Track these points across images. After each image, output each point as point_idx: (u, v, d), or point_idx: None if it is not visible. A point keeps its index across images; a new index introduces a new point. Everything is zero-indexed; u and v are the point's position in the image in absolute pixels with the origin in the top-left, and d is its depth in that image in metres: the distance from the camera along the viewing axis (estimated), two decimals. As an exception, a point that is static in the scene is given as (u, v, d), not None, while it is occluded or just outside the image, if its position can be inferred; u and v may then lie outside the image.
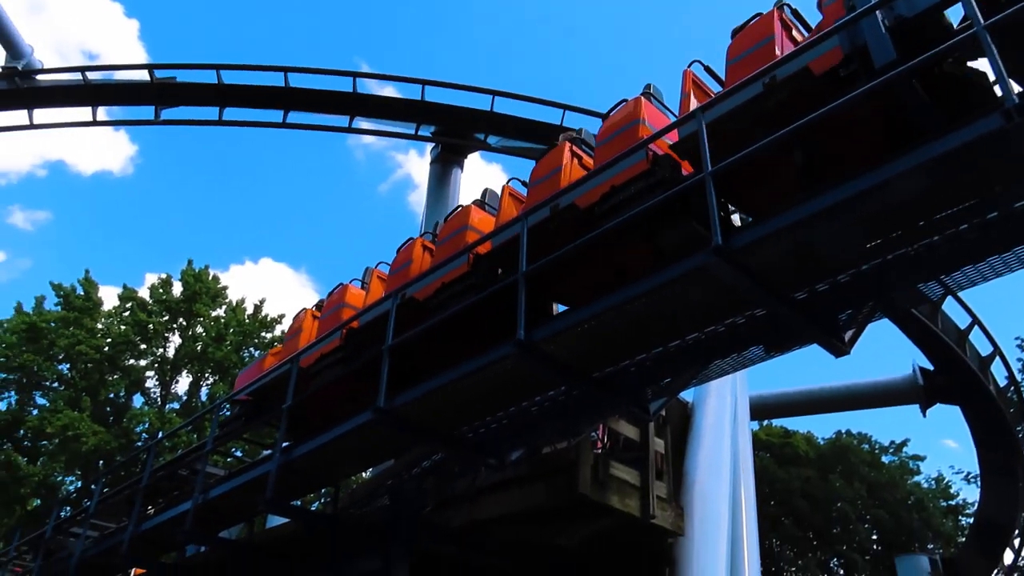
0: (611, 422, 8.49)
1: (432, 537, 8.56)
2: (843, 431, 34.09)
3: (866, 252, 4.62)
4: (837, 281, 4.76)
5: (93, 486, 12.16)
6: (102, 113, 20.05)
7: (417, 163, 78.90)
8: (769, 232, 4.42)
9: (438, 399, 6.62)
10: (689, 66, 6.18)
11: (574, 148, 6.71)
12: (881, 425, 69.86)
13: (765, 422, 32.15)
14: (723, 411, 10.55)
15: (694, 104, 5.74)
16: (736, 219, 5.63)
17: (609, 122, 6.37)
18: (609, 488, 8.02)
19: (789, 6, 5.74)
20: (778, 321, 5.12)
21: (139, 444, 28.53)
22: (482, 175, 71.96)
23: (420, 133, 20.25)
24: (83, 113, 19.84)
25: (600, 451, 8.38)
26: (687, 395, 10.49)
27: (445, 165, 20.28)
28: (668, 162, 5.54)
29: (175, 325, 32.31)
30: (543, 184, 6.64)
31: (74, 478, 28.35)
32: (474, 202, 7.64)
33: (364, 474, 30.26)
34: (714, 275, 4.74)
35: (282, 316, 32.98)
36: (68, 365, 30.49)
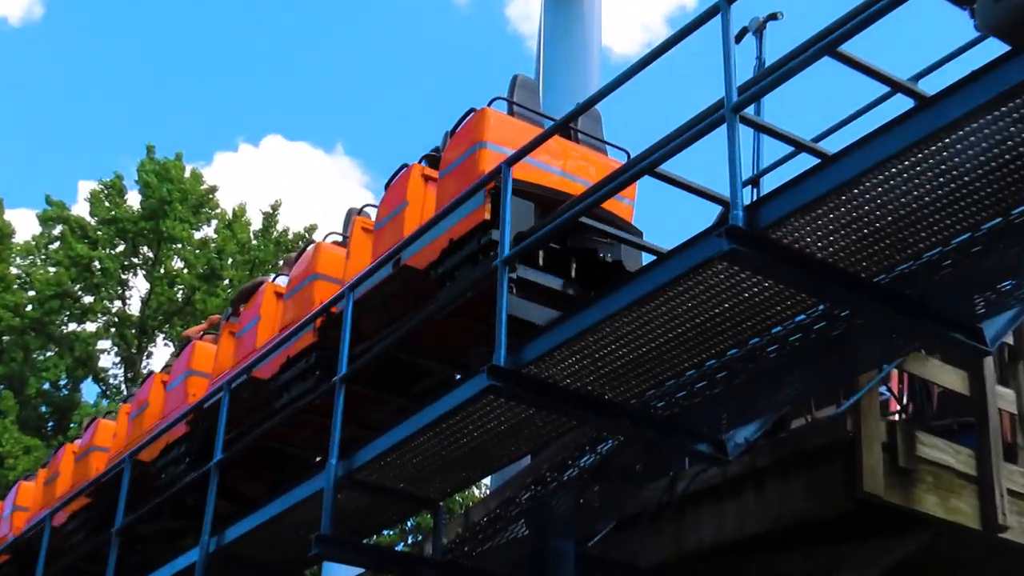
0: (913, 363, 8.35)
1: (608, 584, 8.89)
2: None
3: None
4: None
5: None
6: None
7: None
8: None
9: (602, 343, 6.86)
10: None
11: (426, 172, 9.13)
12: None
13: None
14: None
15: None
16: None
17: (452, 145, 8.72)
18: (918, 481, 7.96)
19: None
20: None
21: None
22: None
23: None
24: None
25: (899, 416, 8.31)
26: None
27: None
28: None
29: (136, 260, 33.70)
30: (389, 225, 9.20)
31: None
32: (328, 236, 10.43)
33: (476, 490, 31.21)
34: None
35: (312, 228, 33.77)
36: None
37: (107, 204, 33.69)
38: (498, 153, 8.05)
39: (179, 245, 33.59)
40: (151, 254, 33.68)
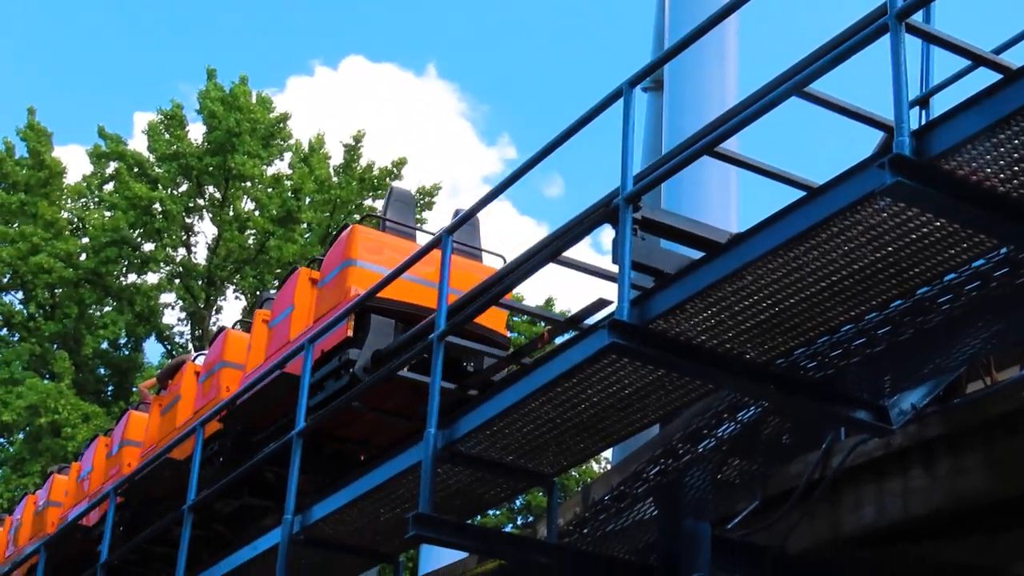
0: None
1: (748, 572, 8.83)
2: None
3: None
4: None
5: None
6: None
7: None
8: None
9: (743, 294, 6.84)
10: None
11: (312, 275, 12.20)
12: None
13: None
14: None
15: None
16: None
17: (327, 258, 11.91)
18: None
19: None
20: None
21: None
22: None
23: None
24: None
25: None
26: None
27: None
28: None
29: (202, 201, 34.00)
30: (279, 325, 12.25)
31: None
32: (238, 322, 13.12)
33: (596, 464, 31.27)
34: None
35: (401, 163, 33.85)
36: (21, 294, 33.03)
37: (167, 137, 33.77)
38: (366, 270, 10.98)
39: (249, 184, 33.57)
40: (218, 194, 33.85)
